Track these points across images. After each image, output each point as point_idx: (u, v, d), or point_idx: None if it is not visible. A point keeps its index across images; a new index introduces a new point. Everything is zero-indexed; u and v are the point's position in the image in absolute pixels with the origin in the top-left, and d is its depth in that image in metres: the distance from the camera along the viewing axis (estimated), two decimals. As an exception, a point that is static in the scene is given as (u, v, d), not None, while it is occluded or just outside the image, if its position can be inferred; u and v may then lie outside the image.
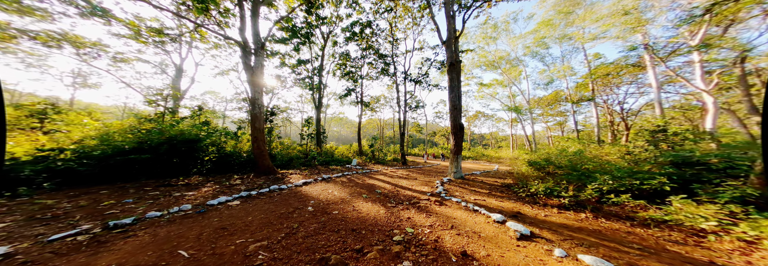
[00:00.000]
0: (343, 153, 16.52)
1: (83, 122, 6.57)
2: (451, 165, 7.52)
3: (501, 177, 8.53)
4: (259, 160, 6.61)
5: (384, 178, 7.49)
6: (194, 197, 3.84)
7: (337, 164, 11.20)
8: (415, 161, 17.17)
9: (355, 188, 5.51)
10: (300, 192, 4.73)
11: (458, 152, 7.46)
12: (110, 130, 5.85)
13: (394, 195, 4.87)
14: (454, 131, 7.54)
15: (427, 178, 7.83)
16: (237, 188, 4.64)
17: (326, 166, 10.25)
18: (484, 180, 7.35)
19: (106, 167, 4.63)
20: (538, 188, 4.67)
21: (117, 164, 4.77)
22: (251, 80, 6.74)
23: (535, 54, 18.36)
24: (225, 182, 5.17)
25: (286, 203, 3.84)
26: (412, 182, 6.67)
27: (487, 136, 40.23)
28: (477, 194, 5.03)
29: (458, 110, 7.74)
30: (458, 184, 6.37)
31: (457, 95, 7.82)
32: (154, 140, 5.67)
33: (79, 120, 6.72)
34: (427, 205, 4.02)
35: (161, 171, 5.49)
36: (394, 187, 5.83)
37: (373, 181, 6.71)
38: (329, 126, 48.33)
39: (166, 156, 5.72)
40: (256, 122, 6.65)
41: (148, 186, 4.44)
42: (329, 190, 5.11)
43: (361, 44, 16.34)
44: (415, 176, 8.16)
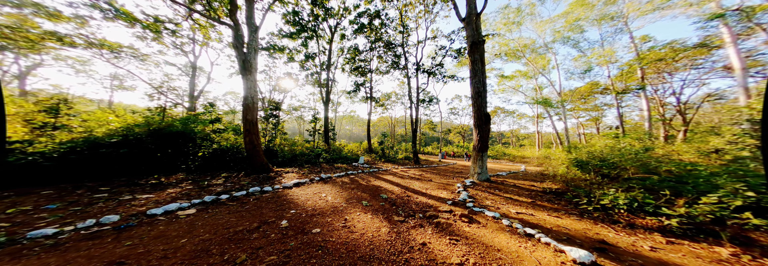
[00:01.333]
0: (353, 151, 15.59)
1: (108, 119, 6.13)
2: (474, 165, 6.11)
3: (535, 180, 6.91)
4: (252, 156, 5.77)
5: (393, 179, 6.30)
6: (143, 202, 2.96)
7: (343, 162, 10.23)
8: (429, 160, 15.74)
9: (355, 191, 4.39)
10: (284, 197, 3.71)
11: (483, 148, 6.02)
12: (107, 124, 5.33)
13: (403, 203, 3.67)
14: (478, 123, 6.11)
15: (445, 179, 6.49)
16: (211, 190, 3.76)
17: (331, 164, 9.31)
18: (516, 184, 5.85)
19: (69, 163, 3.98)
20: (616, 199, 3.17)
21: (83, 160, 4.12)
22: (243, 67, 5.91)
23: (566, 40, 15.80)
24: (204, 182, 4.33)
25: (257, 213, 2.81)
26: (426, 185, 5.40)
27: (507, 134, 36.93)
28: (517, 205, 3.65)
29: (483, 97, 6.28)
30: (485, 188, 4.98)
31: (480, 81, 6.36)
32: (138, 134, 5.03)
33: (105, 117, 6.27)
34: (451, 221, 2.77)
35: (145, 167, 4.82)
36: (404, 191, 4.63)
37: (379, 182, 5.56)
38: (341, 124, 48.13)
39: (151, 151, 5.05)
40: (248, 113, 5.81)
41: (107, 186, 3.70)
42: (323, 194, 4.05)
43: (370, 36, 15.21)
44: (430, 177, 6.87)
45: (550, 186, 5.41)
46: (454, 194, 4.40)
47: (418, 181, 6.04)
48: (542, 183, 6.16)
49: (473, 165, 6.18)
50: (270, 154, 8.27)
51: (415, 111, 13.29)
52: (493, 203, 3.75)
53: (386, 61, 17.36)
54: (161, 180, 4.20)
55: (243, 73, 5.91)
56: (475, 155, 6.09)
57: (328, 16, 14.34)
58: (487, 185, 5.34)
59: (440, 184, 5.60)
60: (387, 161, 12.44)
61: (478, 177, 5.96)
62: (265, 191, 3.91)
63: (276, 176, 5.35)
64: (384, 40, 14.70)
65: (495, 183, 5.73)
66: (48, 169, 3.76)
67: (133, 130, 5.02)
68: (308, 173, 6.14)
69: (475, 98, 6.29)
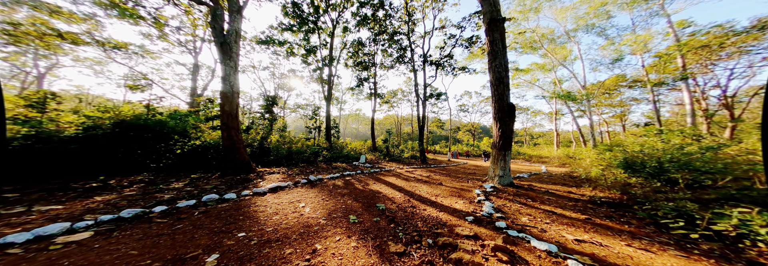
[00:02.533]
0: (356, 149, 14.65)
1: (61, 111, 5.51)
2: (494, 166, 4.95)
3: (567, 184, 5.63)
4: (231, 154, 4.90)
5: (396, 181, 5.25)
6: (28, 219, 2.07)
7: (344, 161, 9.29)
8: (437, 160, 14.55)
9: (346, 199, 3.39)
10: (246, 208, 2.76)
11: (506, 146, 4.84)
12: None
13: (406, 218, 2.63)
14: (500, 115, 4.93)
15: (457, 183, 5.37)
16: (155, 197, 2.86)
17: (330, 163, 8.38)
18: (549, 190, 4.63)
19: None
20: (746, 224, 1.95)
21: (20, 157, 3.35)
22: (221, 50, 5.03)
23: (590, 27, 14.00)
24: (160, 186, 3.47)
25: (183, 239, 1.85)
26: (436, 190, 4.31)
27: (519, 132, 34.58)
28: (567, 224, 2.50)
29: (505, 84, 5.09)
30: (513, 196, 3.83)
31: (501, 64, 5.17)
32: (100, 127, 4.27)
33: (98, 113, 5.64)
34: (479, 259, 1.69)
35: (99, 166, 4.04)
36: (407, 198, 3.57)
37: (379, 186, 4.53)
38: (346, 123, 47.44)
39: (111, 147, 4.28)
40: (226, 104, 4.93)
41: (26, 190, 2.88)
42: (301, 203, 3.07)
43: (374, 29, 14.15)
44: (439, 179, 5.76)
45: (595, 194, 4.17)
46: (473, 204, 3.29)
47: (426, 184, 4.95)
48: (579, 189, 4.90)
49: (493, 166, 5.01)
50: (262, 152, 7.45)
51: (423, 107, 12.14)
52: (532, 220, 2.62)
53: (391, 55, 16.24)
54: (109, 183, 3.38)
55: (221, 58, 5.03)
56: (496, 154, 4.92)
57: (329, 8, 13.42)
58: (514, 192, 4.17)
59: (453, 189, 4.49)
60: (392, 161, 11.40)
61: (500, 181, 4.79)
62: (225, 199, 2.97)
63: (255, 179, 4.44)
64: (388, 32, 13.61)
65: (521, 189, 4.55)
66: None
67: (97, 123, 4.26)
68: (297, 175, 5.21)
69: (495, 86, 5.11)
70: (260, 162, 6.65)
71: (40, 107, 5.70)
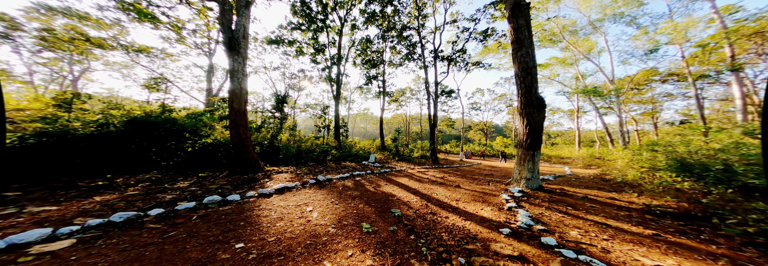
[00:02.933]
0: (365, 148, 14.38)
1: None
2: (520, 167, 4.41)
3: (603, 188, 4.96)
4: (240, 152, 4.73)
5: (409, 183, 4.86)
6: (13, 222, 1.90)
7: (353, 161, 9.01)
8: (449, 160, 13.95)
9: (357, 202, 3.05)
10: (249, 212, 2.49)
11: (535, 145, 4.29)
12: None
13: (427, 227, 2.24)
14: (527, 110, 4.38)
15: (476, 185, 4.88)
16: (157, 197, 2.67)
17: (339, 163, 8.13)
18: (587, 195, 4.03)
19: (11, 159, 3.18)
20: None
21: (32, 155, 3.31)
22: (228, 45, 4.87)
23: (618, 17, 12.73)
24: (165, 184, 3.31)
25: (173, 251, 1.58)
26: (455, 194, 3.87)
27: (534, 131, 32.80)
28: (634, 242, 1.99)
29: (532, 75, 4.53)
30: (548, 202, 3.32)
31: (528, 53, 4.61)
32: (113, 125, 4.24)
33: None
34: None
35: (107, 164, 3.99)
36: (424, 203, 3.18)
37: (391, 188, 4.16)
38: (355, 122, 47.45)
39: (121, 145, 4.23)
40: (234, 101, 4.76)
41: (30, 188, 2.79)
42: (309, 207, 2.77)
43: (382, 26, 13.77)
44: (456, 181, 5.29)
45: (647, 201, 3.54)
46: (504, 212, 2.83)
47: (442, 187, 4.51)
48: (621, 194, 4.25)
49: (518, 167, 4.48)
50: (272, 151, 7.32)
51: (434, 105, 11.61)
52: (585, 235, 2.13)
53: (399, 52, 15.78)
54: (115, 181, 3.26)
55: (229, 53, 4.86)
56: (522, 154, 4.38)
57: (337, 6, 13.20)
58: (547, 197, 3.64)
59: (474, 193, 4.02)
60: (401, 160, 10.99)
61: (528, 184, 4.25)
62: (228, 200, 2.73)
63: (262, 178, 4.22)
64: (397, 28, 13.16)
65: (554, 194, 3.99)
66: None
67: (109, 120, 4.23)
68: (306, 174, 4.95)
69: (521, 77, 4.56)
70: (269, 161, 6.51)
71: (67, 107, 5.87)
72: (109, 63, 24.23)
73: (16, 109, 4.43)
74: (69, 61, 21.99)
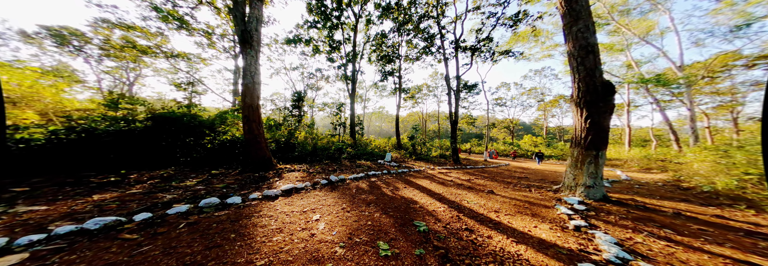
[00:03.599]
0: (380, 146, 13.90)
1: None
2: (576, 171, 3.46)
3: (689, 199, 3.74)
4: (252, 149, 4.51)
5: (431, 186, 4.19)
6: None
7: (368, 159, 8.56)
8: (471, 160, 12.82)
9: (371, 210, 2.51)
10: (248, 219, 2.09)
11: (599, 144, 3.32)
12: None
13: (463, 251, 1.60)
14: (588, 98, 3.41)
15: (513, 191, 4.02)
16: (155, 197, 2.43)
17: (354, 161, 7.73)
18: (677, 210, 2.97)
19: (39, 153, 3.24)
20: None
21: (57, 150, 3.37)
22: (242, 39, 4.65)
23: None
24: (169, 183, 3.12)
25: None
26: (490, 202, 3.12)
27: (569, 129, 29.19)
28: None
29: (594, 53, 3.53)
30: (627, 219, 2.41)
31: (587, 27, 3.62)
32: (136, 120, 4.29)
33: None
34: None
35: (134, 159, 4.01)
36: (454, 214, 2.51)
37: (411, 191, 3.55)
38: (370, 120, 47.30)
39: (144, 141, 4.25)
40: (247, 95, 4.54)
41: (40, 184, 2.74)
42: (316, 215, 2.29)
43: (398, 19, 13.01)
44: (485, 185, 4.47)
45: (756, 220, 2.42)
46: (569, 233, 2.05)
47: (472, 192, 3.77)
48: (723, 209, 3.08)
49: (573, 171, 3.54)
50: (288, 148, 7.17)
51: (455, 100, 10.61)
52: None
53: (416, 46, 14.89)
54: (129, 177, 3.17)
55: (242, 46, 4.65)
56: (580, 154, 3.43)
57: (351, 1, 12.77)
58: (622, 213, 2.71)
59: (516, 202, 3.22)
60: (418, 160, 10.26)
61: (588, 194, 3.31)
62: (227, 204, 2.37)
63: (273, 177, 3.91)
64: (414, 20, 12.29)
65: (628, 206, 3.02)
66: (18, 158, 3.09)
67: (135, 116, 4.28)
68: (318, 173, 4.57)
69: (579, 57, 3.58)
70: (285, 158, 6.32)
71: (114, 106, 6.32)
72: (157, 69, 27.11)
73: (76, 109, 5.06)
74: (126, 68, 25.08)
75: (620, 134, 24.47)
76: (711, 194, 4.31)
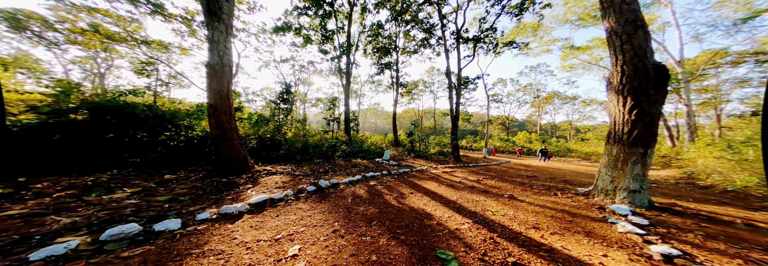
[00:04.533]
0: (376, 143, 13.13)
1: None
2: (616, 172, 2.85)
3: (725, 201, 3.23)
4: (222, 147, 3.62)
5: (440, 190, 3.48)
6: None
7: (365, 157, 7.80)
8: (470, 157, 12.33)
9: (375, 231, 1.75)
10: (174, 262, 1.27)
11: (646, 140, 2.70)
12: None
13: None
14: (637, 83, 2.76)
15: (535, 194, 3.37)
16: (46, 222, 1.57)
17: (349, 160, 6.95)
18: (745, 219, 2.40)
19: None
20: None
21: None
22: (207, 10, 3.66)
23: None
24: (92, 194, 2.23)
25: None
26: (518, 212, 2.44)
27: (562, 125, 29.31)
28: None
29: (644, 29, 2.86)
30: (704, 236, 1.79)
31: None
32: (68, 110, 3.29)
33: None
34: None
35: (69, 161, 3.04)
36: (485, 233, 1.80)
37: (420, 199, 2.82)
38: (365, 117, 46.24)
39: (81, 137, 3.27)
40: (213, 80, 3.60)
41: None
42: (294, 246, 1.51)
43: (396, 7, 12.03)
44: (502, 188, 3.82)
45: None
46: (646, 261, 1.39)
47: (490, 197, 3.09)
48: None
49: (611, 173, 2.92)
50: (273, 145, 6.28)
51: (456, 94, 9.94)
52: None
53: (414, 38, 14.00)
54: (31, 187, 2.25)
55: (208, 19, 3.67)
56: (622, 152, 2.81)
57: (346, -13, 11.65)
58: (693, 227, 2.10)
59: (548, 210, 2.56)
60: (418, 157, 9.61)
61: (633, 199, 2.70)
62: (155, 232, 1.54)
63: (245, 183, 3.06)
64: (412, 9, 11.37)
65: (687, 216, 2.42)
66: None
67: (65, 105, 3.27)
68: (305, 176, 3.76)
69: (626, 34, 2.91)
70: (268, 158, 5.44)
71: (65, 97, 5.17)
72: (133, 61, 24.83)
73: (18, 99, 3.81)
74: (96, 58, 22.66)
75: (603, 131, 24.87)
76: (738, 194, 3.90)
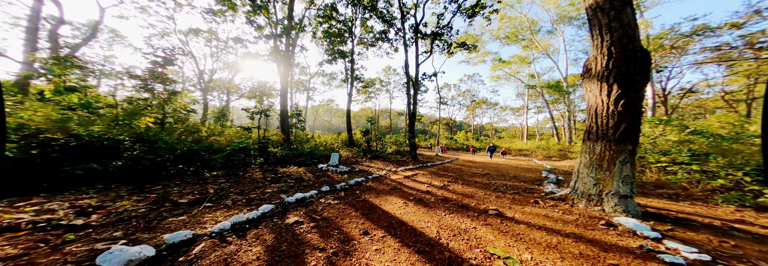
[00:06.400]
0: (327, 144, 10.98)
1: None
2: (599, 173, 2.31)
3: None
4: None
5: (408, 214, 2.13)
6: None
7: (303, 163, 5.73)
8: (424, 155, 12.09)
9: None
10: None
11: (634, 135, 2.23)
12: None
13: None
14: (625, 68, 2.25)
15: (511, 202, 2.56)
16: None
17: (275, 169, 4.79)
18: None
19: None
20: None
21: None
22: None
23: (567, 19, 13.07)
24: None
25: None
26: (519, 243, 1.37)
27: (487, 127, 35.50)
28: None
29: (632, 6, 2.41)
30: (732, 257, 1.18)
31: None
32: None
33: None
34: None
35: None
36: None
37: (377, 251, 1.35)
38: (317, 114, 41.60)
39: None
40: None
41: None
42: None
43: (352, -11, 10.32)
44: (476, 196, 2.89)
45: None
46: None
47: (478, 221, 1.97)
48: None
49: (595, 175, 2.37)
50: (108, 150, 3.40)
51: (414, 91, 9.23)
52: None
53: (371, 29, 12.66)
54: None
55: None
56: (607, 151, 2.27)
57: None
58: (712, 244, 1.56)
59: (555, 236, 1.62)
60: (374, 158, 8.29)
61: (627, 207, 2.18)
62: None
63: None
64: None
65: (698, 229, 2.01)
66: None
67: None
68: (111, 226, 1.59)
69: (614, 10, 2.39)
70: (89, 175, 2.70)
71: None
72: None
73: None
74: None
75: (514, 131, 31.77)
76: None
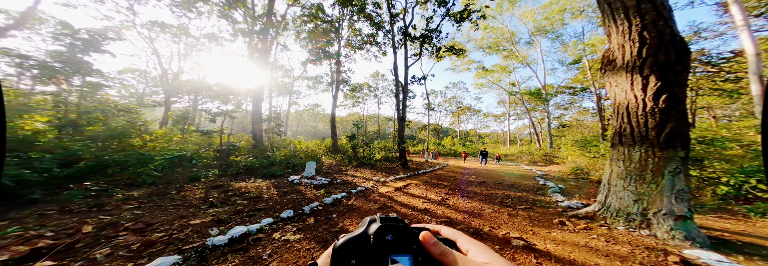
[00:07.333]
0: (309, 150, 9.82)
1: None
2: (641, 185, 1.76)
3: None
4: None
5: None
6: None
7: (272, 174, 4.68)
8: (414, 161, 11.43)
9: None
10: None
11: (684, 138, 1.73)
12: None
13: None
14: (663, 56, 1.77)
15: (530, 224, 1.90)
16: None
17: (227, 185, 3.73)
18: None
19: None
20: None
21: None
22: None
23: (548, 33, 13.98)
24: None
25: None
26: None
27: (471, 132, 36.36)
28: None
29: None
30: None
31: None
32: None
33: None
34: None
35: None
36: None
37: None
38: (301, 119, 39.59)
39: None
40: None
41: None
42: None
43: (340, -11, 9.87)
44: (486, 215, 2.19)
45: None
46: None
47: None
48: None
49: (635, 188, 1.80)
50: None
51: (403, 95, 8.71)
52: None
53: (359, 32, 12.21)
54: None
55: None
56: (651, 157, 1.73)
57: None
58: None
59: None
60: (361, 166, 7.41)
61: (687, 231, 1.61)
62: None
63: None
64: None
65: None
66: None
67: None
68: None
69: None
70: None
71: None
72: None
73: None
74: None
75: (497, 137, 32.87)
76: None
